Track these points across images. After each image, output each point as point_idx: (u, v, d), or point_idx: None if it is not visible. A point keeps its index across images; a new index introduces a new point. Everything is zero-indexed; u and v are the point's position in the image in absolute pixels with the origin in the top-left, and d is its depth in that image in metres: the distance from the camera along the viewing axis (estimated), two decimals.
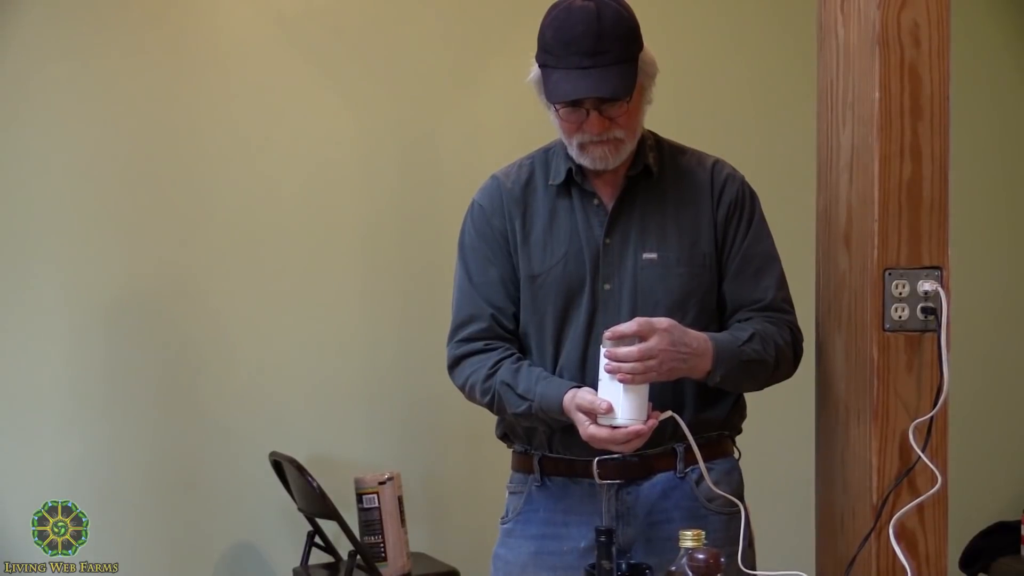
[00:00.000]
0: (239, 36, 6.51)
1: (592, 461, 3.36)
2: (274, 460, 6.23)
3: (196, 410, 6.52)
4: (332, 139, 6.62)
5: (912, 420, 3.40)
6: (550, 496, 3.40)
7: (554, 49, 3.31)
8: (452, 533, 6.62)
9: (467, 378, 3.27)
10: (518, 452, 3.53)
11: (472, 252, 3.36)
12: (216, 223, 6.50)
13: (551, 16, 3.36)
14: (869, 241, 3.41)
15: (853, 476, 3.47)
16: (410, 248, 6.72)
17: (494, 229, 3.35)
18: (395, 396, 6.72)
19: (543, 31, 3.36)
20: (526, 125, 6.74)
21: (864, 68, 3.40)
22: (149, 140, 6.44)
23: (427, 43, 6.72)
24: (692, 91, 6.49)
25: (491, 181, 3.54)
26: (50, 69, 6.32)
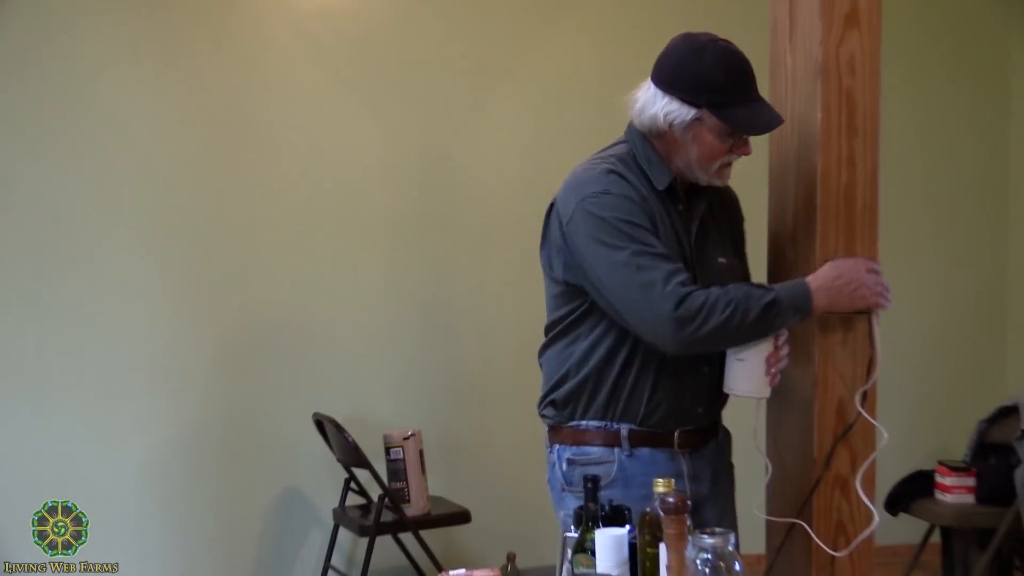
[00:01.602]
0: (288, 68, 6.50)
1: (674, 432, 3.32)
2: (317, 419, 6.24)
3: (253, 379, 6.53)
4: (364, 153, 6.61)
5: (847, 387, 3.41)
6: (641, 464, 3.28)
7: (731, 87, 3.17)
8: (464, 480, 6.62)
9: (701, 304, 3.00)
10: (595, 428, 3.30)
11: (636, 228, 3.08)
12: (269, 222, 6.50)
13: (709, 57, 3.18)
14: (812, 237, 3.41)
15: (796, 433, 3.47)
16: (428, 244, 6.71)
17: (646, 213, 3.15)
18: (417, 366, 6.72)
19: (709, 70, 3.16)
20: (528, 142, 6.78)
21: (808, 93, 3.40)
22: (216, 152, 6.45)
23: (445, 74, 6.70)
24: None
25: (617, 177, 3.19)
26: (133, 93, 6.32)
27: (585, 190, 3.17)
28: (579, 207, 3.15)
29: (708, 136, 3.19)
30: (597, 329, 3.25)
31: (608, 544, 2.97)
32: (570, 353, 3.31)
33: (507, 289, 6.74)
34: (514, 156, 6.78)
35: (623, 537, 2.98)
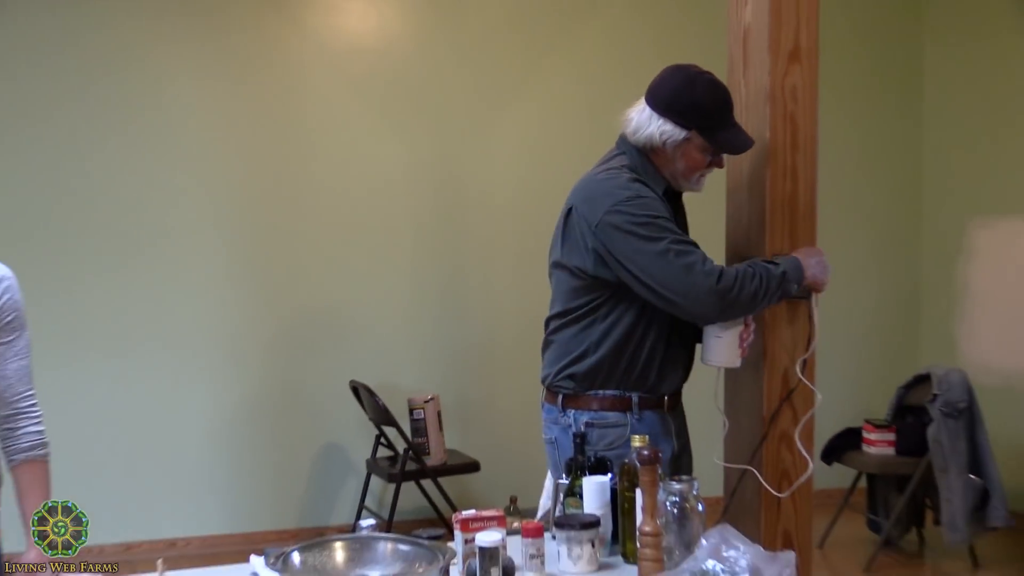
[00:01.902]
0: (327, 95, 6.51)
1: (665, 397, 3.37)
2: (353, 386, 6.25)
3: (301, 352, 6.53)
4: (390, 165, 6.61)
5: (789, 358, 3.42)
6: (645, 425, 3.29)
7: (716, 114, 3.22)
8: (475, 436, 6.63)
9: (735, 277, 3.04)
10: (611, 396, 3.30)
11: (668, 223, 3.09)
12: (313, 223, 6.51)
13: (699, 89, 3.22)
14: (762, 234, 3.41)
15: (749, 396, 3.48)
16: (444, 242, 6.72)
17: (667, 212, 3.17)
18: (435, 342, 6.73)
19: (700, 100, 3.20)
20: (527, 155, 6.77)
21: (759, 116, 3.40)
22: (270, 164, 6.46)
23: (457, 99, 6.70)
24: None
25: (641, 184, 3.20)
26: (199, 98, 6.34)
27: (618, 195, 3.15)
28: (613, 210, 3.13)
29: (694, 152, 3.23)
30: (612, 315, 3.25)
31: (593, 489, 2.98)
32: (587, 335, 3.30)
33: (509, 278, 6.76)
34: (515, 167, 6.78)
35: (606, 483, 2.99)
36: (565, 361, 3.33)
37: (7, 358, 2.81)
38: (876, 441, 6.13)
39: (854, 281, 7.06)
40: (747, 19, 3.49)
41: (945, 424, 5.80)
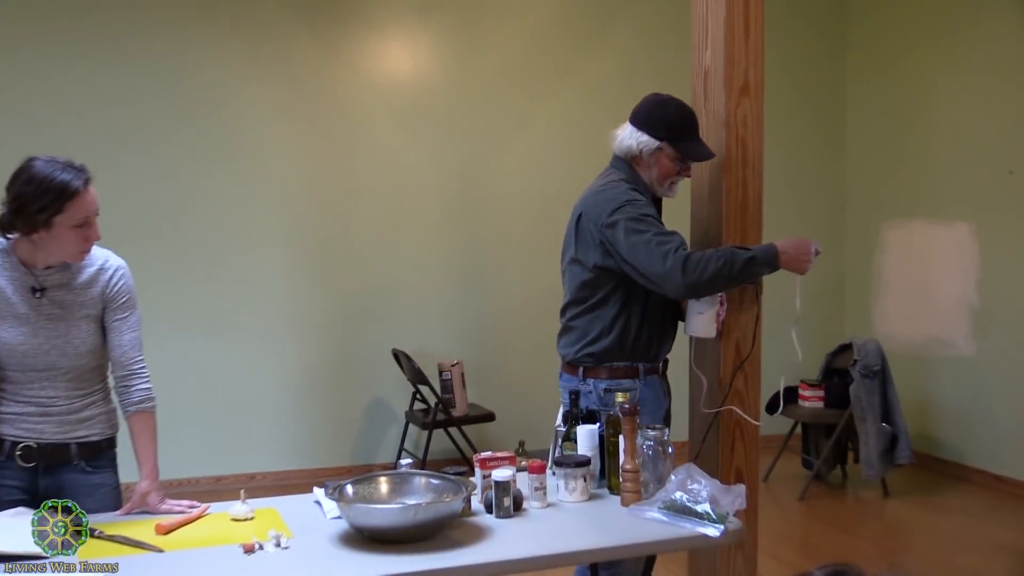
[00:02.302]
0: (373, 118, 6.49)
1: (660, 364, 3.38)
2: (394, 352, 6.26)
3: (351, 325, 6.53)
4: (423, 173, 6.61)
5: (742, 333, 3.41)
6: (650, 388, 3.30)
7: (685, 127, 3.26)
8: (491, 393, 6.62)
9: (700, 260, 3.01)
10: (622, 366, 3.28)
11: (653, 219, 3.11)
12: (362, 219, 6.51)
13: (670, 108, 3.27)
14: (719, 234, 3.40)
15: (710, 362, 3.46)
16: (467, 235, 6.72)
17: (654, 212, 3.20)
18: (460, 317, 6.73)
19: (670, 116, 3.25)
20: (533, 167, 6.76)
21: (717, 139, 3.38)
22: (327, 172, 6.46)
23: (478, 122, 6.70)
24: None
25: (636, 192, 3.21)
26: (273, 126, 6.33)
27: (618, 199, 3.16)
28: (615, 211, 3.14)
29: (665, 161, 3.25)
30: (618, 303, 3.24)
31: (585, 435, 2.98)
32: (600, 320, 3.29)
33: (519, 266, 6.76)
34: (523, 178, 6.77)
35: (595, 431, 2.99)
36: (583, 342, 3.31)
37: (122, 331, 2.82)
38: (809, 397, 6.13)
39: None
40: (707, 62, 3.48)
41: (863, 383, 5.80)
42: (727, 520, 2.59)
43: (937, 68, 6.48)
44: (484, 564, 2.43)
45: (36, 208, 2.59)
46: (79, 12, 5.92)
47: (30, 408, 2.75)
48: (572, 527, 2.67)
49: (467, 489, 2.64)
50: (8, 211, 2.64)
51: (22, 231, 2.66)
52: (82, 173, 2.65)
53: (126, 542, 2.50)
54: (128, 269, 2.87)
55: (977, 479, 6.21)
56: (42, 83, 5.88)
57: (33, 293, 2.72)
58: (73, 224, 2.63)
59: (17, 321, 2.70)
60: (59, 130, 5.78)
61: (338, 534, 2.57)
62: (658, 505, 2.68)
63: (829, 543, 5.22)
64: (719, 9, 3.39)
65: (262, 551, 2.46)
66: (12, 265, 2.72)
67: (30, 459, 2.75)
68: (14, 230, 2.67)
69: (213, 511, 2.80)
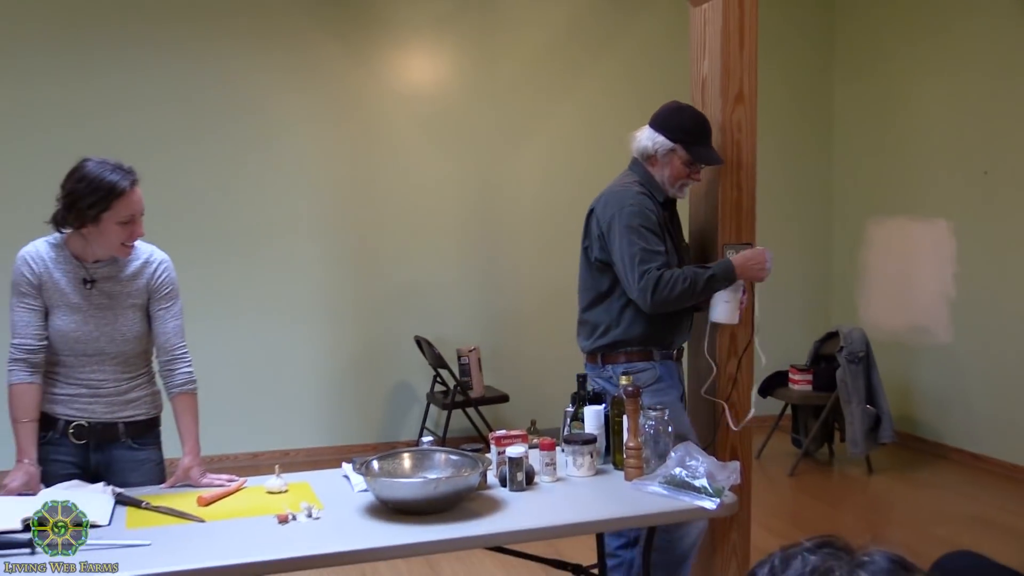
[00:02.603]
0: (399, 127, 6.49)
1: (674, 350, 3.36)
2: (417, 339, 6.26)
3: (379, 313, 6.53)
4: (444, 177, 6.60)
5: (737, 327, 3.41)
6: (666, 371, 3.28)
7: (698, 132, 3.24)
8: (505, 376, 6.62)
9: (668, 282, 3.04)
10: (636, 351, 3.26)
11: (649, 233, 3.10)
12: (389, 218, 6.50)
13: (685, 115, 3.27)
14: (716, 230, 3.40)
15: (712, 353, 3.46)
16: (483, 233, 6.71)
17: (656, 219, 3.16)
18: (477, 307, 6.72)
19: (685, 122, 3.24)
20: (544, 171, 6.75)
21: (714, 142, 3.37)
22: (358, 175, 6.45)
23: (493, 129, 6.68)
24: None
25: (644, 197, 3.21)
26: (307, 130, 6.34)
27: (624, 203, 3.18)
28: (618, 213, 3.17)
29: (677, 163, 3.25)
30: (624, 297, 3.24)
31: (592, 415, 2.98)
32: (607, 313, 3.30)
33: (530, 261, 6.75)
34: (533, 180, 6.75)
35: (601, 411, 2.99)
36: (597, 334, 3.32)
37: (166, 319, 2.84)
38: (799, 380, 6.11)
39: (783, 264, 6.98)
40: (704, 71, 3.47)
41: (849, 368, 5.78)
42: (723, 494, 2.60)
43: (918, 78, 6.45)
44: (499, 533, 2.44)
45: (86, 204, 2.62)
46: (134, 21, 5.93)
47: (82, 390, 2.77)
48: (580, 499, 2.68)
49: (483, 464, 2.64)
50: (61, 206, 2.68)
51: (73, 225, 2.69)
52: (129, 175, 2.69)
53: (171, 512, 2.52)
54: (171, 263, 2.89)
55: (954, 457, 6.20)
56: (99, 85, 5.89)
57: (84, 284, 2.74)
58: (119, 221, 2.66)
59: (70, 310, 2.73)
60: (113, 130, 5.80)
61: (365, 506, 2.58)
62: (659, 480, 2.68)
63: (817, 515, 5.22)
64: (716, 22, 3.39)
65: (295, 521, 2.47)
66: (65, 259, 2.74)
67: (82, 437, 2.78)
68: (66, 225, 2.71)
69: (250, 484, 2.82)
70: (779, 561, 0.95)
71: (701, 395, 3.47)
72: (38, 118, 5.80)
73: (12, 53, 5.76)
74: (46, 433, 2.75)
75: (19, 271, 2.72)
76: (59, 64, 5.84)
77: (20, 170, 5.70)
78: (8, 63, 5.76)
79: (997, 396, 5.94)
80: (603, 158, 6.81)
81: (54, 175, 2.73)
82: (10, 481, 2.62)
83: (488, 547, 2.60)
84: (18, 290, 2.72)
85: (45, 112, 5.81)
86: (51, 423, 2.76)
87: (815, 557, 0.94)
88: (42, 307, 2.72)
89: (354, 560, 2.40)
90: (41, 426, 2.73)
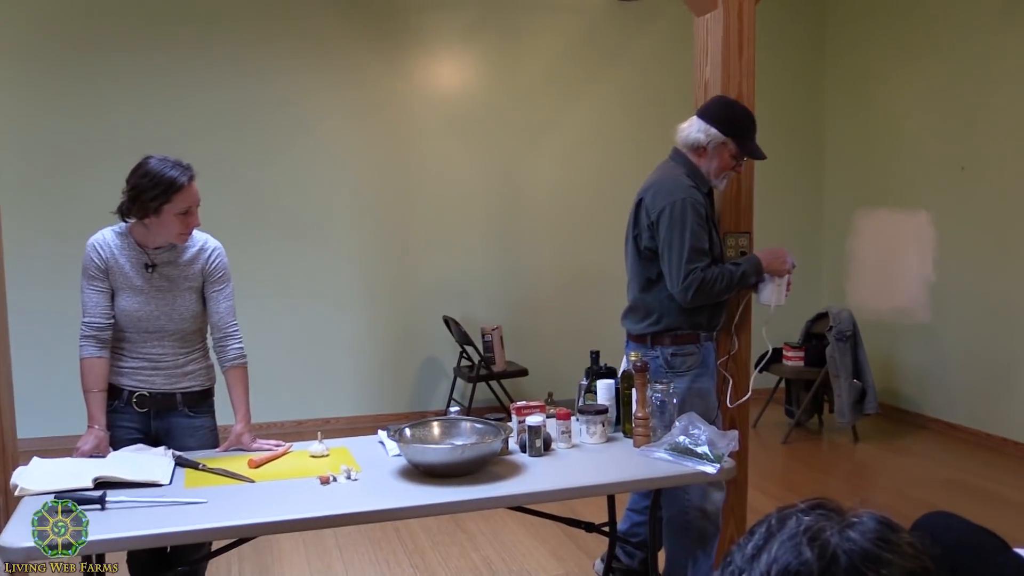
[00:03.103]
0: (425, 124, 6.47)
1: (715, 332, 3.26)
2: (444, 319, 6.26)
3: (411, 296, 6.53)
4: (468, 174, 6.58)
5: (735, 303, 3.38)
6: (708, 352, 3.18)
7: (748, 127, 3.15)
8: (525, 352, 6.61)
9: (709, 283, 2.99)
10: (684, 334, 3.14)
11: (698, 229, 3.01)
12: (418, 211, 6.49)
13: (737, 109, 3.17)
14: (718, 220, 3.37)
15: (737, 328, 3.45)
16: (504, 226, 6.68)
17: (703, 213, 3.05)
18: (500, 290, 6.70)
19: (738, 116, 3.14)
20: (563, 168, 6.72)
21: None
22: (390, 172, 6.43)
23: (513, 129, 6.65)
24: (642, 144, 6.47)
25: (693, 189, 3.07)
26: (348, 128, 6.33)
27: (675, 195, 3.04)
28: (669, 203, 3.03)
29: (726, 155, 3.13)
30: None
31: (604, 388, 2.98)
32: (658, 299, 3.16)
33: (548, 249, 6.73)
34: (552, 177, 6.73)
35: (612, 384, 2.98)
36: (649, 320, 3.18)
37: (219, 300, 2.85)
38: (792, 357, 6.08)
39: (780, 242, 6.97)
40: (707, 76, 3.44)
41: (837, 345, 5.75)
42: (722, 460, 2.59)
43: (903, 79, 6.38)
44: (519, 494, 2.45)
45: (148, 197, 2.65)
46: (190, 25, 5.95)
47: (143, 363, 2.79)
48: (593, 464, 2.67)
49: (505, 432, 2.64)
50: (126, 199, 2.70)
51: (137, 216, 2.71)
52: (187, 170, 2.71)
53: (224, 474, 2.53)
54: (224, 249, 2.90)
55: (933, 426, 6.16)
56: (158, 86, 5.91)
57: (146, 269, 2.76)
58: (178, 212, 2.68)
59: (134, 292, 2.75)
60: (172, 127, 5.84)
61: (398, 469, 2.59)
62: (664, 447, 2.67)
63: (808, 480, 5.20)
64: (717, 32, 3.36)
65: (335, 482, 2.48)
66: (129, 245, 2.76)
67: (143, 405, 2.80)
68: (130, 215, 2.73)
69: (295, 449, 2.83)
70: (775, 521, 0.95)
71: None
72: (105, 118, 5.82)
73: (83, 59, 5.78)
74: (113, 402, 2.78)
75: (88, 257, 2.75)
76: (122, 67, 5.85)
77: (89, 165, 5.74)
78: (79, 67, 5.78)
79: (971, 371, 5.90)
80: (615, 157, 6.83)
81: (120, 170, 2.76)
82: (82, 444, 2.65)
83: (510, 507, 2.60)
84: (87, 274, 2.75)
85: (110, 112, 5.83)
86: (117, 393, 2.79)
87: (808, 518, 0.93)
88: (109, 289, 2.75)
89: (388, 518, 2.41)
90: (108, 396, 2.76)
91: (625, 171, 6.68)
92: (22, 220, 5.45)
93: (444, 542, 4.16)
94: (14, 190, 5.59)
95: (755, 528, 0.96)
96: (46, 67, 5.75)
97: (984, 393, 5.81)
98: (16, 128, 5.71)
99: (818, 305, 6.67)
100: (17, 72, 5.69)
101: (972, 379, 5.90)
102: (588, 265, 6.71)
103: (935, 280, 6.16)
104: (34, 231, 5.66)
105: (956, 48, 5.94)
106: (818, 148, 7.28)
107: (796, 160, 7.22)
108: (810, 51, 7.25)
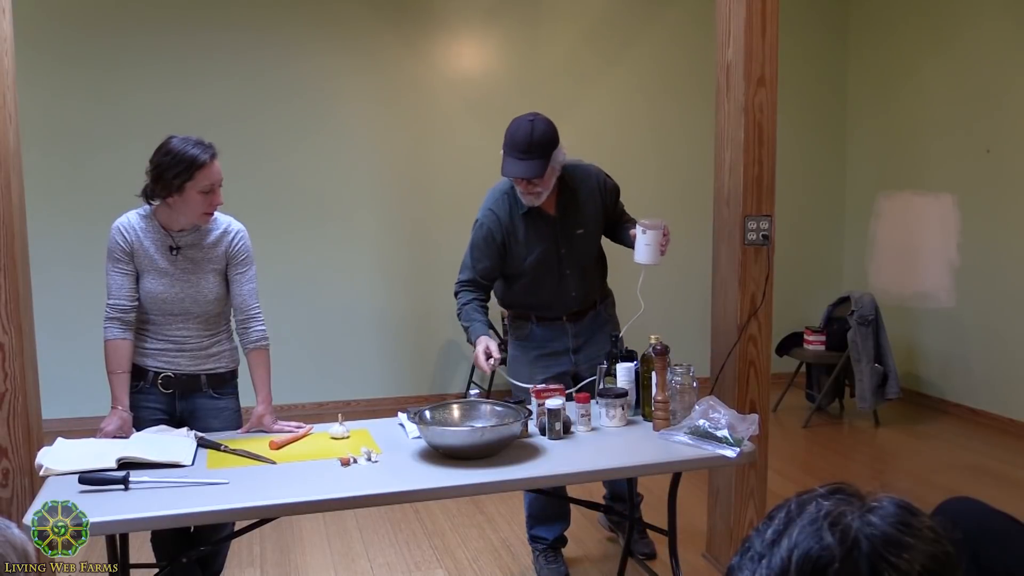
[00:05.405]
0: (447, 108, 6.46)
1: (564, 315, 3.41)
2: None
3: (428, 278, 6.52)
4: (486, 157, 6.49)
5: (756, 286, 3.37)
6: (544, 331, 3.36)
7: (507, 145, 3.38)
8: None
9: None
10: (518, 311, 3.54)
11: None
12: (436, 193, 6.48)
13: (512, 125, 3.43)
14: (739, 203, 3.36)
15: (729, 311, 3.43)
16: None
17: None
18: None
19: (506, 133, 3.39)
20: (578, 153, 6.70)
21: (736, 123, 3.34)
22: (410, 154, 6.42)
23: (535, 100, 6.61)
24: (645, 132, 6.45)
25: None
26: (369, 112, 6.34)
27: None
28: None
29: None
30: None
31: (624, 372, 2.97)
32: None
33: None
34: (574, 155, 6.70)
35: (632, 367, 2.98)
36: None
37: (242, 283, 2.87)
38: (813, 341, 6.04)
39: (800, 233, 6.92)
40: (729, 57, 3.42)
41: (859, 330, 5.72)
42: (742, 444, 2.58)
43: (927, 62, 6.30)
44: (538, 477, 2.45)
45: (171, 175, 2.67)
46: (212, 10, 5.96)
47: (168, 345, 2.81)
48: (612, 447, 2.68)
49: (524, 415, 2.65)
50: (150, 178, 2.72)
51: (161, 196, 2.73)
52: (209, 148, 2.73)
53: (246, 455, 2.55)
54: (247, 232, 2.91)
55: (954, 412, 6.12)
56: (181, 70, 5.92)
57: (171, 251, 2.78)
58: (200, 190, 2.70)
59: (158, 274, 2.77)
60: (195, 110, 5.84)
61: (418, 451, 2.60)
62: (684, 430, 2.67)
63: (828, 464, 5.18)
64: (740, 11, 3.33)
65: (356, 464, 2.49)
66: (154, 228, 2.78)
67: (168, 386, 2.82)
68: (155, 196, 2.75)
69: (316, 431, 2.85)
70: (795, 506, 0.94)
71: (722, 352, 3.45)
72: (128, 102, 5.84)
73: (107, 44, 5.80)
74: (137, 383, 2.81)
75: (113, 239, 2.77)
76: (146, 51, 5.86)
77: (113, 149, 5.76)
78: (103, 52, 5.80)
79: (994, 356, 5.85)
80: (633, 138, 6.79)
81: (143, 153, 2.79)
82: (106, 425, 2.68)
83: (529, 489, 2.60)
84: (112, 256, 2.77)
85: (133, 96, 5.85)
86: (142, 374, 2.81)
87: (828, 502, 0.92)
88: (134, 272, 2.77)
89: (408, 499, 2.43)
90: (133, 377, 2.78)
91: (643, 154, 6.66)
92: (47, 204, 5.50)
93: (463, 524, 4.18)
94: (40, 173, 5.62)
95: (774, 513, 0.95)
96: (70, 53, 5.78)
97: (1008, 378, 5.76)
98: (41, 113, 5.73)
99: (840, 289, 6.64)
100: (42, 57, 5.71)
101: (995, 364, 5.85)
102: (607, 246, 6.68)
103: (958, 264, 6.10)
104: (59, 214, 5.69)
105: (983, 28, 5.86)
106: (840, 131, 7.22)
107: (818, 143, 7.16)
108: (834, 34, 7.17)
